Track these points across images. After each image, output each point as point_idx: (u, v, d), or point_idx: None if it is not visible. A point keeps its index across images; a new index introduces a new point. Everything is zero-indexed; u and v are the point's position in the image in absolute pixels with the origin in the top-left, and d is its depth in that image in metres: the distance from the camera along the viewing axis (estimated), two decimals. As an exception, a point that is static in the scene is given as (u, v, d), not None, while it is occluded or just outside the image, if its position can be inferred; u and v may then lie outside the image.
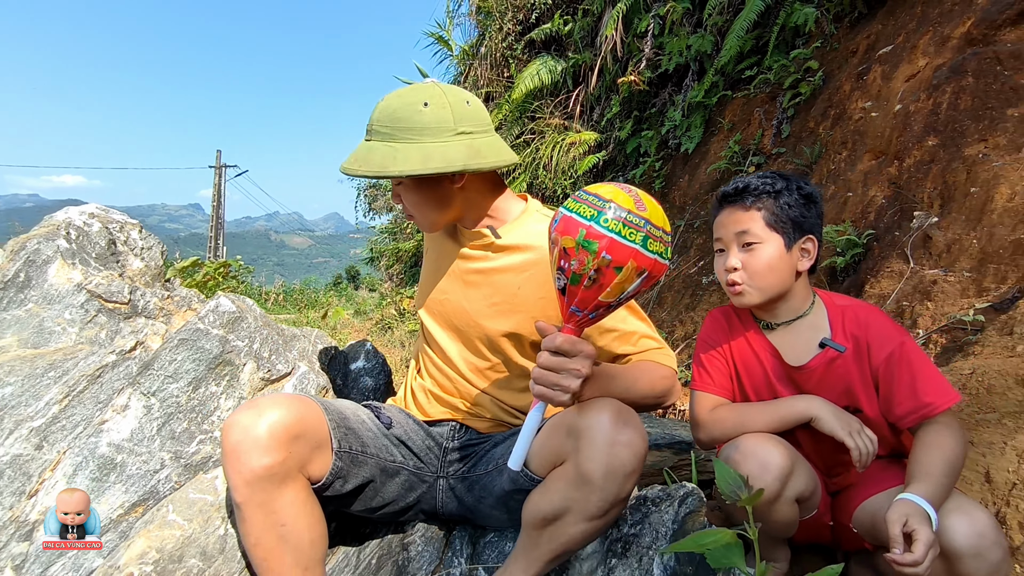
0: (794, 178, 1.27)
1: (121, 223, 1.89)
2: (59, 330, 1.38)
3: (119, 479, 1.13)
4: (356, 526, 1.32)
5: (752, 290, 1.21)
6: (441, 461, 1.28)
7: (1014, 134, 2.73)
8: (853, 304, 1.27)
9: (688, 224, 4.95)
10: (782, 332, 1.27)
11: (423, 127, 1.12)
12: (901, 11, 4.04)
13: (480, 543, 1.34)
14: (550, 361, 0.86)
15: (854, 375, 1.20)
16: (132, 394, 1.22)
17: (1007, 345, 1.74)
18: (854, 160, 3.64)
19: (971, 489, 1.47)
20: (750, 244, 1.20)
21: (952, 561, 1.01)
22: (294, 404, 1.04)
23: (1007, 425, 1.53)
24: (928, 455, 1.08)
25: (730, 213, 1.25)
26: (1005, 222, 2.46)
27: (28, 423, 1.18)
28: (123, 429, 1.18)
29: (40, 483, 1.10)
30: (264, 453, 0.97)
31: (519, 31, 6.81)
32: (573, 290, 0.84)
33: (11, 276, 1.50)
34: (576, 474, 0.95)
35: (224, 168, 22.59)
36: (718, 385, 1.31)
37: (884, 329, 1.20)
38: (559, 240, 0.84)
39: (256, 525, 0.98)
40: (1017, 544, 1.36)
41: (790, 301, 1.26)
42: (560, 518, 1.00)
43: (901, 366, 1.16)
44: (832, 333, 1.23)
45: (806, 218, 1.21)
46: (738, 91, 4.98)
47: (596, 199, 0.82)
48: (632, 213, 0.81)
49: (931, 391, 1.12)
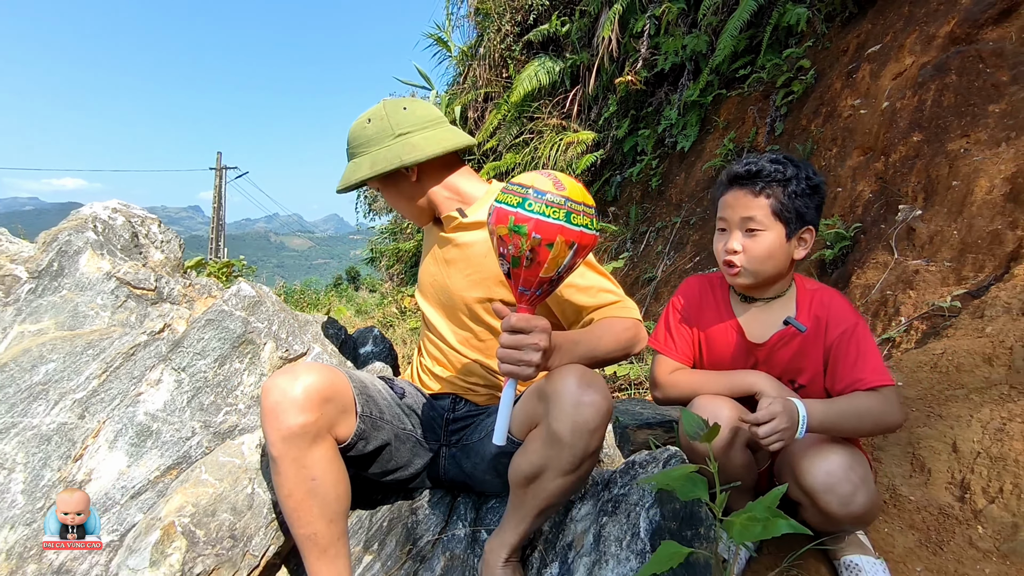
0: (804, 165, 1.29)
1: (142, 217, 2.01)
2: (92, 314, 1.49)
3: (155, 445, 1.24)
4: (369, 492, 1.43)
5: (748, 273, 1.29)
6: (443, 431, 1.40)
7: (994, 129, 2.83)
8: (820, 288, 1.37)
9: (684, 221, 5.04)
10: (755, 310, 1.37)
11: (368, 139, 1.37)
12: (890, 10, 4.14)
13: (483, 508, 1.45)
14: (509, 340, 0.95)
15: (807, 352, 1.31)
16: (164, 369, 1.33)
17: (977, 327, 1.85)
18: (843, 156, 3.74)
19: (939, 459, 1.58)
20: (753, 230, 1.26)
21: (813, 498, 1.15)
22: (325, 371, 1.15)
23: (973, 400, 1.64)
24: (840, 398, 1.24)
25: (738, 195, 1.29)
26: (984, 214, 2.56)
27: (71, 395, 1.29)
28: (157, 400, 1.29)
29: (84, 448, 1.21)
30: (299, 412, 1.07)
31: (517, 32, 6.91)
32: (516, 272, 0.94)
33: (45, 265, 1.62)
34: (548, 434, 1.05)
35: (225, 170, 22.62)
36: (680, 352, 1.41)
37: (842, 312, 1.31)
38: (495, 230, 0.94)
39: (290, 478, 1.09)
40: (980, 507, 1.47)
41: (777, 283, 1.35)
42: (539, 475, 1.10)
43: (851, 345, 1.26)
44: (798, 313, 1.33)
45: (808, 209, 1.27)
46: (733, 90, 5.07)
47: (519, 187, 0.92)
48: (551, 194, 0.91)
49: (868, 369, 1.23)
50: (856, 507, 1.14)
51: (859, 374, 1.24)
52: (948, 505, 1.50)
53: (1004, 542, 1.39)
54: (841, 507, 1.14)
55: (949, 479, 1.54)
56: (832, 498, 1.14)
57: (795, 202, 1.25)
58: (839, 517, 1.16)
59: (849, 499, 1.13)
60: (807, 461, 1.16)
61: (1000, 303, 1.87)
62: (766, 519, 0.74)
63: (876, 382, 1.22)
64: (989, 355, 1.69)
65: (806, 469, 1.16)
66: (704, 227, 4.74)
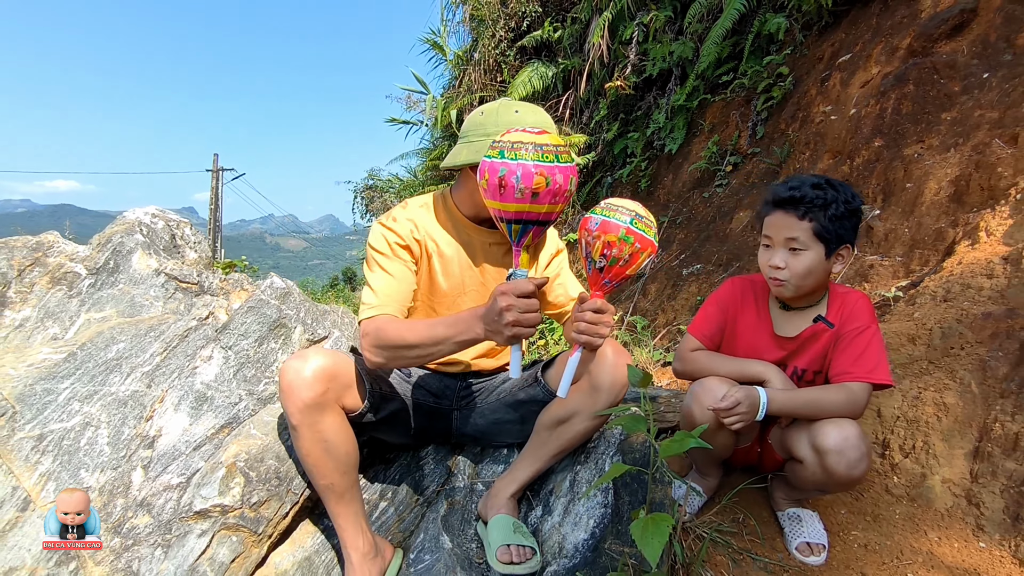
0: (843, 189, 1.40)
1: (177, 221, 2.28)
2: (147, 304, 1.76)
3: (210, 408, 1.51)
4: (382, 452, 1.70)
5: (791, 286, 1.43)
6: (456, 397, 1.65)
7: (946, 136, 3.11)
8: (849, 292, 1.55)
9: (671, 220, 5.28)
10: (792, 315, 1.53)
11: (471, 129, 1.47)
12: (861, 21, 4.40)
13: (479, 464, 1.73)
14: (593, 317, 1.19)
15: (830, 346, 1.50)
16: (214, 348, 1.60)
17: (908, 313, 2.12)
18: (815, 159, 4.01)
19: (865, 422, 1.86)
20: (796, 249, 1.39)
21: (822, 455, 1.38)
22: (330, 354, 1.38)
23: (898, 374, 1.91)
24: (806, 389, 1.46)
25: (782, 217, 1.41)
26: (931, 213, 2.84)
27: (140, 368, 1.56)
28: (210, 373, 1.56)
29: (152, 411, 1.48)
30: (310, 388, 1.30)
31: (511, 38, 7.14)
32: (610, 269, 1.19)
33: (102, 264, 1.89)
34: (589, 385, 1.36)
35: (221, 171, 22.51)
36: (707, 336, 1.63)
37: (862, 312, 1.49)
38: (601, 236, 1.18)
39: (307, 440, 1.33)
40: (896, 461, 1.76)
41: (814, 293, 1.49)
42: (571, 418, 1.41)
43: (858, 341, 1.44)
44: (828, 313, 1.51)
45: (846, 230, 1.38)
46: (717, 95, 5.30)
47: (625, 209, 1.19)
48: (647, 218, 1.20)
49: (862, 366, 1.41)
50: (858, 471, 1.35)
51: (850, 367, 1.41)
52: (871, 461, 1.78)
53: (913, 488, 1.68)
54: (847, 469, 1.34)
55: (874, 439, 1.82)
56: (841, 460, 1.33)
57: (835, 224, 1.37)
58: (839, 476, 1.35)
59: (856, 464, 1.34)
60: (828, 426, 1.35)
61: (928, 292, 2.15)
62: (682, 440, 1.02)
63: (864, 377, 1.39)
64: (913, 336, 1.97)
65: (827, 433, 1.35)
66: (689, 226, 4.99)
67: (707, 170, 5.02)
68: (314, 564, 1.39)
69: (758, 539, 1.58)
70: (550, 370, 1.55)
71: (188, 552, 1.23)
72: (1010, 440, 1.59)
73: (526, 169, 1.10)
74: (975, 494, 1.58)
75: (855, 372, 1.41)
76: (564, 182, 1.14)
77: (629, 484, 1.46)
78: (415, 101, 10.15)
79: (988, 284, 1.96)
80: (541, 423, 1.48)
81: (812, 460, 1.41)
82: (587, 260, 1.21)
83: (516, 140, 1.12)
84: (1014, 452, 1.57)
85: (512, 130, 1.16)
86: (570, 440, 1.46)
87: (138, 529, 1.28)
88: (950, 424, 1.71)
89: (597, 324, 1.19)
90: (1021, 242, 2.05)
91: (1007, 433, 1.60)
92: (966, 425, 1.69)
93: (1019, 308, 1.83)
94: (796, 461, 1.47)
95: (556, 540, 1.39)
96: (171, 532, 1.27)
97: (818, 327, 1.49)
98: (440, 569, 1.35)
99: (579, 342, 1.21)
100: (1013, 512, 1.50)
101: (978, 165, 2.65)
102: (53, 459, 1.38)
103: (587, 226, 1.20)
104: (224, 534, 1.27)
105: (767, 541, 1.58)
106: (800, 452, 1.43)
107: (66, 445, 1.40)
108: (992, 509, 1.53)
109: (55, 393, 1.49)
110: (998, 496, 1.54)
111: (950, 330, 1.90)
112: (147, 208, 2.22)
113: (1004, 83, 2.91)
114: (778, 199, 1.43)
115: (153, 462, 1.38)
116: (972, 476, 1.61)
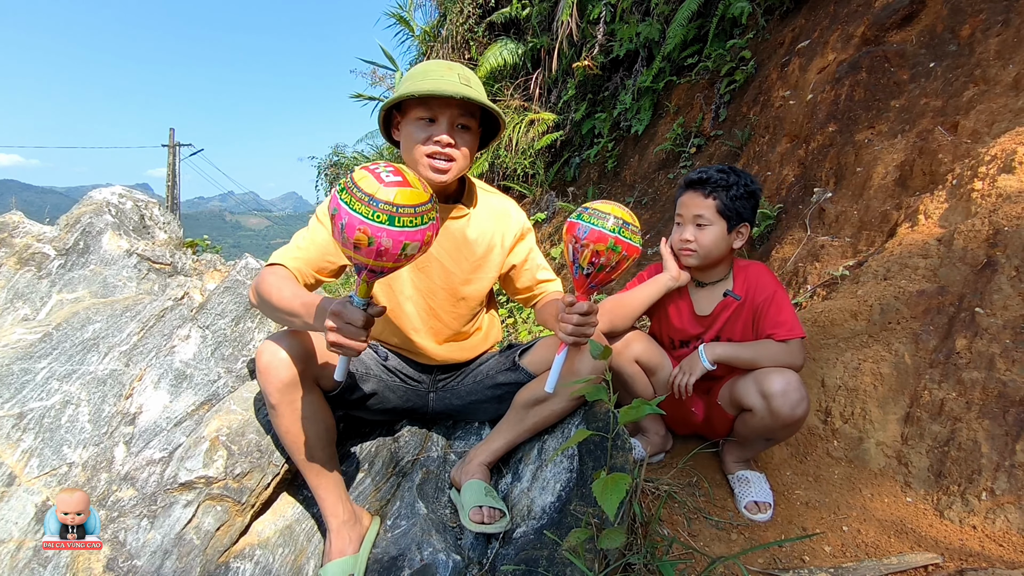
0: (744, 176, 1.69)
1: (145, 202, 2.27)
2: (120, 284, 1.78)
3: (189, 386, 1.55)
4: (359, 427, 1.77)
5: (698, 256, 1.70)
6: (431, 380, 1.72)
7: (894, 122, 3.27)
8: (749, 264, 1.79)
9: (637, 200, 5.40)
10: (704, 291, 1.78)
11: None
12: (820, 7, 4.53)
13: (451, 437, 1.81)
14: (581, 319, 1.29)
15: (741, 315, 1.73)
16: (192, 327, 1.63)
17: (852, 290, 2.28)
18: (774, 143, 4.15)
19: (811, 392, 2.01)
20: (702, 225, 1.67)
21: (768, 399, 1.54)
22: (304, 336, 1.42)
23: (840, 347, 2.07)
24: (747, 342, 1.67)
25: (691, 196, 1.69)
26: (879, 196, 3.00)
27: (117, 348, 1.58)
28: (188, 352, 1.59)
29: (132, 389, 1.51)
30: (287, 368, 1.35)
31: (479, 14, 7.08)
32: (597, 275, 1.28)
33: (71, 244, 1.88)
34: (568, 372, 1.44)
35: (178, 147, 21.68)
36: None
37: (765, 281, 1.73)
38: (590, 245, 1.25)
39: (286, 418, 1.38)
40: (837, 427, 1.91)
41: (718, 267, 1.76)
42: (548, 399, 1.50)
43: (770, 307, 1.68)
44: (734, 287, 1.75)
45: (745, 209, 1.67)
46: (682, 77, 5.39)
47: (614, 217, 1.25)
48: (633, 224, 1.27)
49: (782, 324, 1.65)
50: (800, 411, 1.53)
51: (772, 329, 1.65)
52: (815, 426, 1.93)
53: (851, 451, 1.83)
54: (790, 410, 1.52)
55: (817, 407, 1.97)
56: (784, 401, 1.52)
57: (735, 203, 1.65)
58: (783, 417, 1.53)
59: (796, 404, 1.52)
60: (773, 374, 1.55)
61: (871, 271, 2.31)
62: (638, 407, 1.12)
63: (786, 336, 1.64)
64: (855, 311, 2.12)
65: (771, 380, 1.54)
66: (655, 207, 5.12)
67: (672, 152, 5.13)
68: (295, 532, 1.47)
69: (710, 499, 1.72)
70: (528, 355, 1.64)
71: (175, 521, 1.29)
72: (936, 406, 1.75)
73: (351, 221, 1.01)
74: (904, 455, 1.74)
75: (778, 333, 1.65)
76: (394, 247, 1.03)
77: (593, 451, 1.57)
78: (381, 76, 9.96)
79: (923, 264, 2.12)
80: (518, 401, 1.57)
81: (760, 405, 1.57)
82: (574, 265, 1.29)
83: (365, 189, 1.02)
84: (939, 416, 1.73)
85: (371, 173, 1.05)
86: (545, 419, 1.57)
87: (123, 502, 1.33)
88: (885, 392, 1.87)
89: (584, 326, 1.29)
90: (954, 224, 2.21)
91: (934, 399, 1.76)
92: (899, 393, 1.85)
93: (949, 286, 2.00)
94: (746, 411, 1.63)
95: (525, 504, 1.49)
96: (156, 504, 1.32)
97: (727, 301, 1.73)
98: (416, 533, 1.44)
99: (567, 342, 1.30)
100: (936, 470, 1.67)
101: (921, 151, 2.81)
102: (35, 436, 1.41)
103: (575, 232, 1.27)
104: (209, 504, 1.33)
105: (718, 501, 1.71)
106: (749, 400, 1.59)
107: (47, 423, 1.43)
108: (919, 467, 1.70)
109: (33, 373, 1.51)
110: (924, 456, 1.70)
111: (888, 306, 2.05)
112: (113, 188, 2.20)
113: (948, 73, 3.08)
114: (689, 181, 1.71)
115: (135, 438, 1.42)
116: (903, 439, 1.77)
